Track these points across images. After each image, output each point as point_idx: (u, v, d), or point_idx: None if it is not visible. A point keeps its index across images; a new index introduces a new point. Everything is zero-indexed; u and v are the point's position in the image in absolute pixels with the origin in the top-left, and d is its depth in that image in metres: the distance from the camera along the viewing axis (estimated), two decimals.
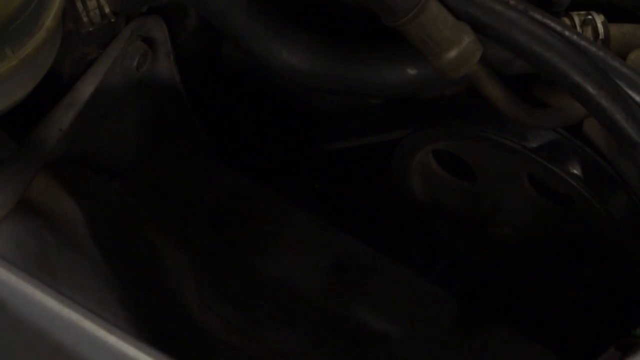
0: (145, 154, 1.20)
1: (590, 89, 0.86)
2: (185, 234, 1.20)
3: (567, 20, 0.94)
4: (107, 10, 0.97)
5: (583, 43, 0.89)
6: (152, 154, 1.21)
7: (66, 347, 0.69)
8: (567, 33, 0.89)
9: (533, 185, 1.10)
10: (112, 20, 0.99)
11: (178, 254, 1.18)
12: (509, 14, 0.88)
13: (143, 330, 1.08)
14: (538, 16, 0.89)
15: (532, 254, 1.18)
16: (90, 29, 0.98)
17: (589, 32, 0.94)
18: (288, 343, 1.16)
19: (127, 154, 1.19)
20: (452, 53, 0.88)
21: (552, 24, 0.89)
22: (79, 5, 0.95)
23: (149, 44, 1.11)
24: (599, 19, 0.95)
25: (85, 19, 0.96)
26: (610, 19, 0.96)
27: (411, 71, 0.97)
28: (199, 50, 1.21)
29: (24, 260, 1.01)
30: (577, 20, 0.95)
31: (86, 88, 1.05)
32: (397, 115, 1.15)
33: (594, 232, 1.09)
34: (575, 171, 1.02)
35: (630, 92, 0.89)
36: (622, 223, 1.04)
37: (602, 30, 0.94)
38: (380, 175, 1.21)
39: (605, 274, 1.14)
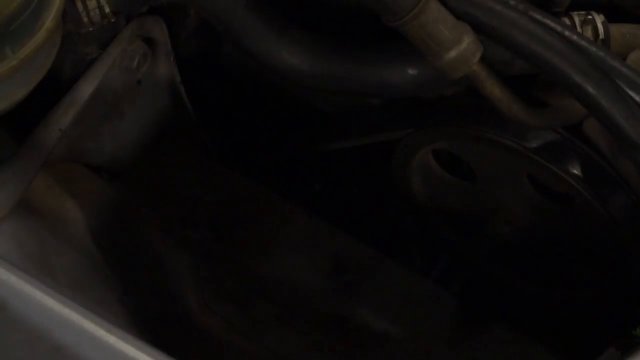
0: (145, 154, 1.20)
1: (590, 89, 0.86)
2: (185, 234, 1.20)
3: (567, 20, 0.94)
4: (107, 10, 0.97)
5: (583, 43, 0.89)
6: (152, 154, 1.21)
7: (66, 347, 0.69)
8: (567, 33, 0.89)
9: (533, 185, 1.10)
10: (112, 20, 0.99)
11: (178, 254, 1.18)
12: (509, 14, 0.88)
13: (143, 330, 1.08)
14: (538, 16, 0.89)
15: (532, 254, 1.18)
16: (90, 29, 0.98)
17: (589, 32, 0.94)
18: (288, 343, 1.16)
19: (127, 154, 1.19)
20: (452, 53, 0.88)
21: (552, 24, 0.89)
22: (79, 5, 0.95)
23: (149, 44, 1.11)
24: (599, 19, 0.95)
25: (85, 19, 0.96)
26: (610, 19, 0.96)
27: (411, 71, 0.97)
28: (199, 50, 1.21)
29: (24, 260, 1.01)
30: (577, 20, 0.95)
31: (86, 88, 1.05)
32: (397, 115, 1.15)
33: (594, 232, 1.09)
34: (575, 171, 1.02)
35: (630, 92, 0.89)
36: (622, 223, 1.04)
37: (602, 30, 0.94)
38: (380, 175, 1.21)
39: (605, 274, 1.14)
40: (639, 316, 1.04)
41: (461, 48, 0.88)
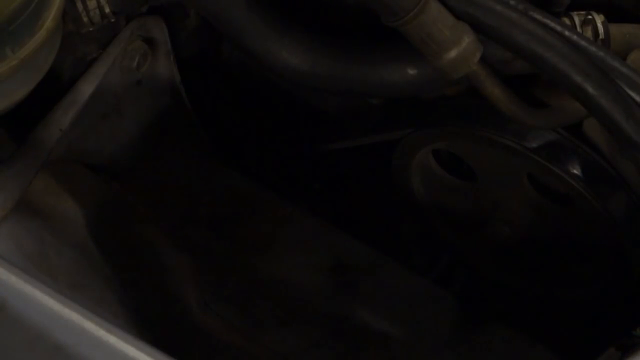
0: (145, 154, 1.20)
1: (590, 89, 0.86)
2: (185, 234, 1.20)
3: (567, 20, 0.94)
4: (107, 10, 0.97)
5: (583, 43, 0.89)
6: (152, 154, 1.21)
7: (66, 347, 0.69)
8: (567, 33, 0.89)
9: (533, 185, 1.10)
10: (112, 20, 0.99)
11: (178, 254, 1.18)
12: (509, 14, 0.88)
13: (143, 330, 1.08)
14: (538, 16, 0.89)
15: (531, 254, 1.18)
16: (90, 29, 0.98)
17: (589, 32, 0.94)
18: (288, 343, 1.16)
19: (127, 154, 1.19)
20: (452, 53, 0.88)
21: (552, 24, 0.89)
22: (79, 5, 0.95)
23: (149, 43, 1.11)
24: (599, 19, 0.95)
25: (85, 19, 0.96)
26: (610, 19, 0.96)
27: (411, 71, 0.97)
28: (199, 50, 1.21)
29: (24, 260, 1.01)
30: (577, 20, 0.95)
31: (86, 88, 1.05)
32: (397, 115, 1.15)
33: (594, 232, 1.09)
34: (575, 171, 1.02)
35: (630, 92, 0.89)
36: (622, 223, 1.04)
37: (602, 30, 0.94)
38: (380, 175, 1.21)
39: (605, 274, 1.14)
40: (639, 316, 1.04)
41: (461, 48, 0.88)
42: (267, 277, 1.19)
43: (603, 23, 0.95)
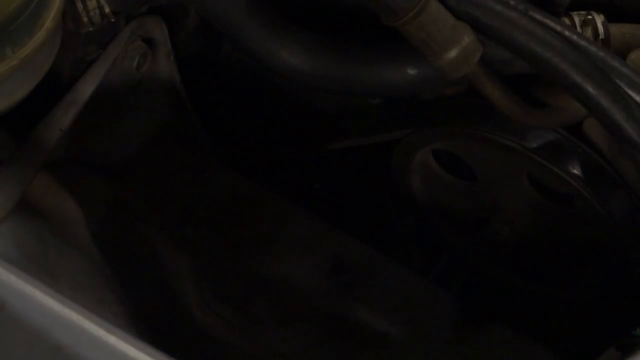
0: (145, 154, 1.20)
1: (590, 89, 0.86)
2: (185, 234, 1.20)
3: (567, 20, 0.94)
4: (107, 10, 0.97)
5: (583, 43, 0.89)
6: (152, 154, 1.21)
7: (66, 347, 0.69)
8: (567, 33, 0.89)
9: (533, 185, 1.10)
10: (112, 20, 0.99)
11: (178, 254, 1.18)
12: (509, 14, 0.88)
13: (143, 330, 1.08)
14: (538, 16, 0.89)
15: (532, 254, 1.18)
16: (90, 29, 0.98)
17: (589, 32, 0.94)
18: (288, 343, 1.16)
19: (127, 154, 1.19)
20: (452, 53, 0.88)
21: (552, 24, 0.89)
22: (79, 5, 0.95)
23: (149, 44, 1.11)
24: (599, 19, 0.95)
25: (85, 19, 0.96)
26: (610, 19, 0.96)
27: (411, 71, 0.97)
28: (199, 50, 1.21)
29: (24, 260, 1.01)
30: (577, 20, 0.95)
31: (86, 88, 1.05)
32: (397, 115, 1.15)
33: (594, 232, 1.09)
34: (575, 171, 1.02)
35: (630, 92, 0.89)
36: (622, 223, 1.04)
37: (602, 30, 0.94)
38: (380, 175, 1.21)
39: (605, 274, 1.14)
40: (639, 316, 1.04)
41: (461, 48, 0.88)
42: (267, 277, 1.19)
43: (603, 23, 0.95)
